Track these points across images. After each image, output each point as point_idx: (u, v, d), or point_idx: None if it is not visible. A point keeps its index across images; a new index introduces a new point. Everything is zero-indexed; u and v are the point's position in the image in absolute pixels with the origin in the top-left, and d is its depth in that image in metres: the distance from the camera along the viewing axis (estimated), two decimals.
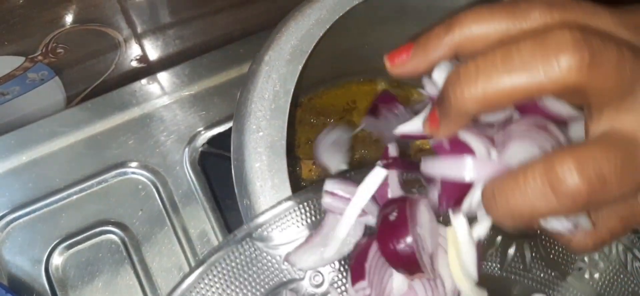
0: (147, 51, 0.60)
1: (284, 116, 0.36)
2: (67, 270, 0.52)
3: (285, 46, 0.37)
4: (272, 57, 0.37)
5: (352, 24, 0.39)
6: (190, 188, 0.56)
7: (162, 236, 0.54)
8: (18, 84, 0.54)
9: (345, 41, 0.46)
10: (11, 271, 0.52)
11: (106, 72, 0.59)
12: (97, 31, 0.53)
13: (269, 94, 0.36)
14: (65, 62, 0.54)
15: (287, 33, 0.37)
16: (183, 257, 0.53)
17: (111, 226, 0.54)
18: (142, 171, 0.56)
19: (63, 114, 0.57)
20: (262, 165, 0.35)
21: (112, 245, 0.54)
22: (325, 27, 0.38)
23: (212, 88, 0.60)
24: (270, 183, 0.35)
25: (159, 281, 0.52)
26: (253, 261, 0.31)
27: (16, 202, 0.54)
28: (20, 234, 0.53)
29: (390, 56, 0.28)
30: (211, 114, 0.59)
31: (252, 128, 0.36)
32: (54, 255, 0.53)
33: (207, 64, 0.61)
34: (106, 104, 0.58)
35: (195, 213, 0.55)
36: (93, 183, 0.55)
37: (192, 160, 0.57)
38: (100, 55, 0.57)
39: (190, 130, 0.58)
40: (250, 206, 0.34)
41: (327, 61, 0.42)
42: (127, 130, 0.57)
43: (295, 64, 0.37)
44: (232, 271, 0.31)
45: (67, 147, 0.56)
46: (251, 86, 0.37)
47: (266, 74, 0.37)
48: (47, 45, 0.51)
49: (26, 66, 0.52)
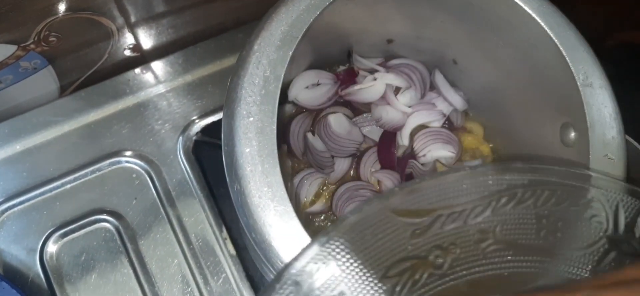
0: (141, 39, 0.59)
1: (274, 101, 0.36)
2: (61, 258, 0.53)
3: (275, 32, 0.37)
4: (263, 43, 0.37)
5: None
6: (184, 177, 0.56)
7: (157, 224, 0.54)
8: (11, 73, 0.54)
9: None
10: (6, 260, 0.52)
11: (100, 61, 0.59)
12: (90, 20, 0.53)
13: (259, 79, 0.36)
14: (58, 51, 0.54)
15: (278, 19, 0.37)
16: (177, 245, 0.54)
17: (105, 214, 0.54)
18: (136, 160, 0.56)
19: (56, 103, 0.57)
20: (252, 150, 0.35)
21: (106, 234, 0.54)
22: (316, 13, 0.38)
23: (206, 77, 0.60)
24: (261, 168, 0.35)
25: (153, 268, 0.53)
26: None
27: (10, 191, 0.54)
28: (15, 223, 0.53)
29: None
30: (205, 103, 0.59)
31: (243, 114, 0.36)
32: (49, 244, 0.53)
33: (201, 53, 0.61)
34: (100, 93, 0.58)
35: (189, 201, 0.55)
36: (87, 172, 0.55)
37: (186, 149, 0.57)
38: (94, 44, 0.57)
39: (184, 119, 0.58)
40: (240, 191, 0.35)
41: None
42: (121, 119, 0.58)
43: (286, 50, 0.37)
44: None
45: (61, 136, 0.56)
46: (242, 71, 0.37)
47: (256, 59, 0.37)
48: (40, 33, 0.51)
49: (19, 55, 0.52)
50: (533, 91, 0.46)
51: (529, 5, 0.40)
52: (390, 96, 0.53)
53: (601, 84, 0.39)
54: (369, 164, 0.52)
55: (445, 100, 0.54)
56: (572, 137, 0.42)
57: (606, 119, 0.38)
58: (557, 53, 0.40)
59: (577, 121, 0.40)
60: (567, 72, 0.39)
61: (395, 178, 0.51)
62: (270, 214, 0.34)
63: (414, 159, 0.52)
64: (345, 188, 0.51)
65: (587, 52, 0.39)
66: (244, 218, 0.35)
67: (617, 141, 0.38)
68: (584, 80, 0.38)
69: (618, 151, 0.38)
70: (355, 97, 0.52)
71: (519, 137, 0.50)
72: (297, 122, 0.51)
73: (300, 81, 0.51)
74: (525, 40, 0.42)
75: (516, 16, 0.41)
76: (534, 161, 0.35)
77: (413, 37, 0.51)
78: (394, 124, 0.53)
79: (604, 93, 0.39)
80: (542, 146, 0.47)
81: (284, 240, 0.34)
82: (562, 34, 0.39)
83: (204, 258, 0.53)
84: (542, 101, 0.45)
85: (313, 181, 0.51)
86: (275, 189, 0.34)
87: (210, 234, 0.54)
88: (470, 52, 0.50)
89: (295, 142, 0.51)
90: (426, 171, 0.52)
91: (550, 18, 0.40)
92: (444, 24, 0.48)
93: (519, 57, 0.44)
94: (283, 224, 0.34)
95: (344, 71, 0.54)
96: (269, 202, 0.34)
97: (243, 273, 0.53)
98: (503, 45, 0.45)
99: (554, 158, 0.44)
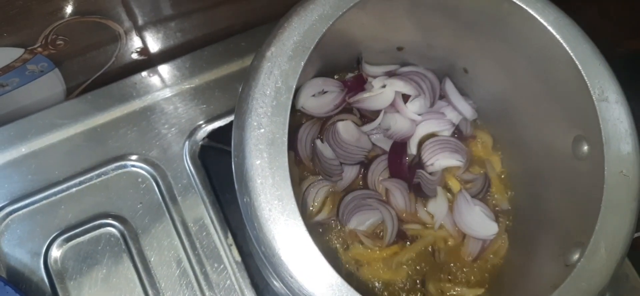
0: (148, 43, 0.59)
1: (286, 112, 0.35)
2: (65, 262, 0.52)
3: (287, 42, 0.37)
4: (274, 53, 0.37)
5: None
6: (190, 182, 0.56)
7: (162, 229, 0.54)
8: (17, 76, 0.53)
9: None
10: (10, 264, 0.51)
11: (106, 64, 0.58)
12: (97, 23, 0.52)
13: (271, 90, 0.36)
14: (65, 54, 0.54)
15: (290, 29, 0.37)
16: (182, 251, 0.53)
17: (110, 219, 0.54)
18: (142, 164, 0.56)
19: (63, 106, 0.57)
20: (263, 162, 0.34)
21: (111, 238, 0.53)
22: (329, 23, 0.37)
23: (213, 81, 0.60)
24: (271, 180, 0.34)
25: (158, 274, 0.52)
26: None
27: (15, 194, 0.53)
28: (19, 226, 0.53)
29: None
30: (212, 108, 0.58)
31: (253, 125, 0.35)
32: (53, 248, 0.52)
33: (208, 57, 0.60)
34: (106, 97, 0.57)
35: (195, 206, 0.55)
36: (93, 176, 0.55)
37: (192, 153, 0.57)
38: (101, 47, 0.56)
39: (191, 123, 0.58)
40: (250, 203, 0.34)
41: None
42: (127, 123, 0.57)
43: (298, 60, 0.36)
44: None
45: (67, 139, 0.56)
46: (253, 82, 0.36)
47: (268, 70, 0.36)
48: (47, 37, 0.50)
49: (26, 58, 0.51)
50: (545, 103, 0.45)
51: (545, 18, 0.39)
52: (400, 103, 0.52)
53: (617, 99, 0.38)
54: (377, 172, 0.52)
55: (454, 109, 0.53)
56: (585, 150, 0.41)
57: (622, 135, 0.38)
58: (573, 66, 0.39)
59: (591, 135, 0.40)
60: (582, 86, 0.39)
61: (403, 186, 0.51)
62: (281, 228, 0.34)
63: (421, 168, 0.52)
64: (352, 197, 0.50)
65: (604, 66, 0.39)
66: (254, 231, 0.34)
67: (632, 157, 0.37)
68: (599, 94, 0.38)
69: (633, 168, 0.37)
70: (364, 104, 0.52)
71: (529, 148, 0.50)
72: (304, 129, 0.51)
73: (308, 89, 0.51)
74: (539, 52, 0.42)
75: (531, 28, 0.40)
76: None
77: (423, 45, 0.50)
78: (402, 133, 0.52)
79: (620, 108, 0.38)
80: (552, 158, 0.46)
81: (294, 255, 0.33)
82: (578, 47, 0.39)
83: (209, 264, 0.53)
84: (554, 113, 0.45)
85: (320, 189, 0.50)
86: (286, 202, 0.34)
87: (215, 240, 0.54)
88: (482, 62, 0.49)
89: (302, 149, 0.51)
90: (435, 180, 0.52)
91: (566, 31, 0.39)
92: (456, 32, 0.47)
93: (532, 69, 0.44)
94: (293, 239, 0.34)
95: (352, 78, 0.53)
96: (279, 216, 0.34)
97: (248, 279, 0.53)
98: (516, 55, 0.45)
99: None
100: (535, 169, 0.49)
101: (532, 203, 0.50)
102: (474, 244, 0.50)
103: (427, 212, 0.51)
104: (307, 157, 0.51)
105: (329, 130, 0.51)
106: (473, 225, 0.50)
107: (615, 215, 0.37)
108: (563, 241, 0.42)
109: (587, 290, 0.35)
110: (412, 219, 0.51)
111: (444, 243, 0.51)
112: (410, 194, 0.51)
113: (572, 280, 0.35)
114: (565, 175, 0.44)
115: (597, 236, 0.36)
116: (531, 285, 0.44)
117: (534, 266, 0.45)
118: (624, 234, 0.37)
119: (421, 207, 0.51)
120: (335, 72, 0.54)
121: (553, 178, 0.46)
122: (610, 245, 0.36)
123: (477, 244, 0.50)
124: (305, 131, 0.51)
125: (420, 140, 0.53)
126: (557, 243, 0.43)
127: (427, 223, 0.51)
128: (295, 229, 0.34)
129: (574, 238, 0.40)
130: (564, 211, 0.44)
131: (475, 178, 0.53)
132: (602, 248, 0.36)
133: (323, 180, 0.50)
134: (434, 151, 0.52)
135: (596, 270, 0.36)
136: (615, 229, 0.36)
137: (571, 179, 0.43)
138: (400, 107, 0.52)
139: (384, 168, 0.52)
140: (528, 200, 0.51)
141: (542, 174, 0.48)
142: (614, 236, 0.36)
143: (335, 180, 0.51)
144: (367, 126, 0.52)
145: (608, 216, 0.37)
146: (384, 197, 0.51)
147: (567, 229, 0.42)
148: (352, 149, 0.51)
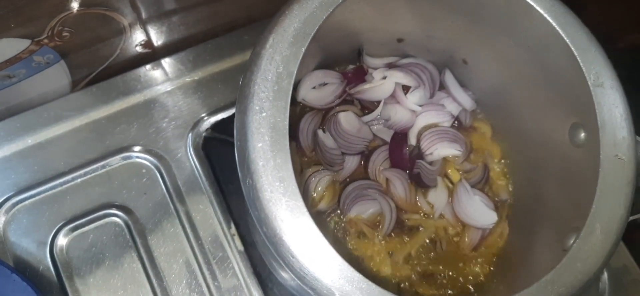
0: (152, 36, 0.60)
1: (287, 97, 0.36)
2: (71, 251, 0.53)
3: (288, 28, 0.37)
4: (276, 39, 0.37)
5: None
6: (193, 173, 0.56)
7: (165, 219, 0.55)
8: (24, 67, 0.54)
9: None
10: (16, 253, 0.52)
11: (111, 57, 0.59)
12: (102, 16, 0.53)
13: (272, 75, 0.36)
14: (70, 46, 0.55)
15: (291, 15, 0.38)
16: (186, 240, 0.54)
17: (115, 209, 0.54)
18: (146, 156, 0.57)
19: (68, 98, 0.58)
20: (264, 145, 0.35)
21: (116, 228, 0.54)
22: (329, 10, 0.38)
23: (216, 74, 0.60)
24: (273, 162, 0.35)
25: (162, 263, 0.53)
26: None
27: (21, 185, 0.54)
28: (26, 216, 0.54)
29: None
30: (215, 100, 0.59)
31: (255, 109, 0.36)
32: (59, 237, 0.53)
33: (211, 51, 0.61)
34: (111, 89, 0.58)
35: (198, 197, 0.55)
36: (97, 167, 0.56)
37: (196, 145, 0.57)
38: (106, 39, 0.57)
39: (194, 116, 0.59)
40: (252, 185, 0.35)
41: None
42: (132, 115, 0.58)
43: (299, 46, 0.37)
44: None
45: (72, 131, 0.57)
46: (255, 67, 0.37)
47: (269, 56, 0.37)
48: (53, 28, 0.51)
49: (32, 49, 0.52)
50: (543, 91, 0.46)
51: (541, 6, 0.40)
52: (400, 94, 0.53)
53: (612, 84, 0.39)
54: (378, 162, 0.52)
55: (454, 100, 0.54)
56: (582, 137, 0.42)
57: (617, 119, 0.38)
58: (568, 53, 0.40)
59: (588, 122, 0.40)
60: (578, 73, 0.39)
61: (403, 176, 0.51)
62: (282, 208, 0.34)
63: (421, 159, 0.52)
64: (353, 187, 0.51)
65: (599, 52, 0.39)
66: (256, 212, 0.35)
67: (627, 141, 0.38)
68: (595, 80, 0.39)
69: (629, 151, 0.38)
70: (364, 95, 0.53)
71: (528, 137, 0.50)
72: (306, 119, 0.52)
73: (308, 81, 0.52)
74: (536, 40, 0.42)
75: (528, 16, 0.41)
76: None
77: (423, 37, 0.51)
78: (402, 124, 0.53)
79: (615, 93, 0.39)
80: (550, 146, 0.47)
81: (295, 235, 0.34)
82: (574, 34, 0.40)
83: (212, 253, 0.54)
84: (551, 101, 0.45)
85: (321, 179, 0.51)
86: (287, 184, 0.35)
87: (218, 230, 0.54)
88: (481, 52, 0.50)
89: (304, 139, 0.51)
90: (434, 170, 0.52)
91: (562, 18, 0.40)
92: (455, 23, 0.48)
93: (530, 58, 0.44)
94: (294, 219, 0.34)
95: (352, 70, 0.54)
96: (280, 197, 0.34)
97: (251, 268, 0.53)
98: (514, 45, 0.45)
99: None
100: (533, 158, 0.50)
101: (531, 192, 0.50)
102: (474, 233, 0.51)
103: (428, 202, 0.52)
104: (309, 147, 0.52)
105: (330, 120, 0.52)
106: (473, 214, 0.51)
107: (610, 198, 0.37)
108: (561, 227, 0.42)
109: (582, 271, 0.36)
110: (412, 209, 0.52)
111: (444, 232, 0.51)
112: (411, 184, 0.52)
113: (568, 260, 0.36)
114: (563, 163, 0.45)
115: (593, 219, 0.37)
116: (530, 270, 0.44)
117: (533, 253, 0.46)
118: (619, 216, 0.37)
119: (421, 197, 0.52)
120: (336, 65, 0.55)
121: (551, 166, 0.47)
122: (605, 227, 0.37)
123: (477, 234, 0.51)
124: (307, 122, 0.52)
125: (419, 131, 0.54)
126: (555, 229, 0.44)
127: (427, 213, 0.52)
128: (297, 210, 0.34)
129: (571, 224, 0.40)
130: (562, 198, 0.45)
131: (474, 167, 0.53)
132: (598, 230, 0.36)
133: (325, 170, 0.51)
134: (433, 140, 0.53)
135: (591, 251, 0.36)
136: (611, 212, 0.37)
137: (569, 166, 0.44)
138: (401, 99, 0.53)
139: (385, 159, 0.53)
140: (527, 188, 0.51)
141: (540, 163, 0.49)
142: (609, 218, 0.37)
143: (337, 169, 0.51)
144: (367, 116, 0.53)
145: (603, 199, 0.37)
146: (384, 187, 0.52)
147: (565, 215, 0.43)
148: (353, 139, 0.51)
